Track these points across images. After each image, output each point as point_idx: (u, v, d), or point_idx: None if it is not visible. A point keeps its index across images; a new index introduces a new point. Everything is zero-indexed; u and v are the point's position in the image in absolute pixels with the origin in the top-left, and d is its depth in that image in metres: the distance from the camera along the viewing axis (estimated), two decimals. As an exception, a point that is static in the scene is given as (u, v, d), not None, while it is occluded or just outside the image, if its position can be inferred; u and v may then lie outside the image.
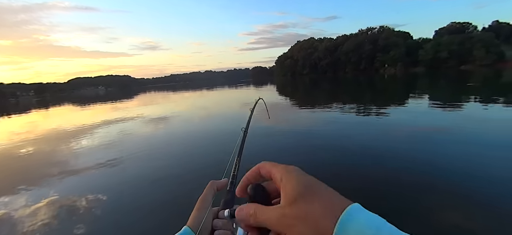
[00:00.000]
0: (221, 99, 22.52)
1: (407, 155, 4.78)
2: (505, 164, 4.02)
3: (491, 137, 5.53)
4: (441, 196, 3.26)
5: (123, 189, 4.34)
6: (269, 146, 5.87)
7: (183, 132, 8.81)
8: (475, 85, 18.89)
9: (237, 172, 0.64)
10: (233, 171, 0.64)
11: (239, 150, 0.70)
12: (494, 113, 8.17)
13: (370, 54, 76.49)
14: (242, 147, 0.72)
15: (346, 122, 8.35)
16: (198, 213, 0.55)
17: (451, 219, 2.76)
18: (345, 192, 3.27)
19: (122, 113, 15.96)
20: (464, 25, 75.60)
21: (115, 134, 9.02)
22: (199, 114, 12.70)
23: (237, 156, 0.68)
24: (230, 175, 0.63)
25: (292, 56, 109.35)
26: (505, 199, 3.03)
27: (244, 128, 0.82)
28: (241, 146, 0.72)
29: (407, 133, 6.46)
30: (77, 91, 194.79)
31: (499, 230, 2.55)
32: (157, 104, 21.93)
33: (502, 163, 4.05)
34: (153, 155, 6.11)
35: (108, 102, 28.84)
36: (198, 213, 0.55)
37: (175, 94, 35.37)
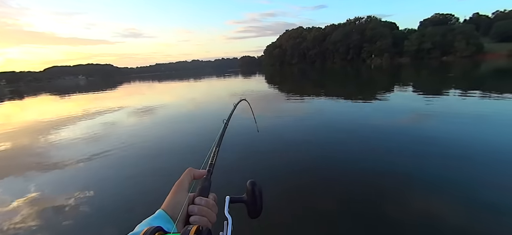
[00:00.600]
0: (208, 90, 22.08)
1: (391, 143, 4.81)
2: (485, 150, 4.11)
3: (465, 125, 5.69)
4: (420, 183, 3.28)
5: (105, 181, 4.20)
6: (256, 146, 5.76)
7: (168, 123, 8.53)
8: (454, 76, 19.56)
9: (214, 161, 0.65)
10: (211, 160, 0.65)
11: (219, 140, 0.71)
12: (470, 103, 8.44)
13: (358, 44, 77.37)
14: (222, 138, 0.73)
15: (333, 112, 8.37)
16: (173, 196, 0.55)
17: (435, 204, 2.77)
18: (335, 182, 3.18)
19: (104, 104, 15.30)
20: (447, 17, 77.79)
21: (96, 125, 8.60)
22: (184, 105, 12.35)
23: (216, 146, 0.68)
24: (208, 163, 0.64)
25: (281, 45, 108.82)
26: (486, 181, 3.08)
27: (226, 120, 0.83)
28: (221, 136, 0.73)
29: (390, 122, 6.53)
30: (55, 81, 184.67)
31: (479, 216, 2.57)
32: (141, 95, 21.24)
33: (481, 149, 4.14)
34: (137, 147, 5.91)
35: (89, 93, 27.62)
36: (173, 196, 0.55)
37: (161, 84, 34.43)
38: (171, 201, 0.54)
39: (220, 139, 0.72)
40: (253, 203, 0.62)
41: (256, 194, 0.62)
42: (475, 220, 2.59)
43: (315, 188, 3.54)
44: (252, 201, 0.62)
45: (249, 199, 0.62)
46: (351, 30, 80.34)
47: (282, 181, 3.74)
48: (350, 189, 3.39)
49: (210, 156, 0.66)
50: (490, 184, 3.26)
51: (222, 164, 4.25)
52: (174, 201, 0.54)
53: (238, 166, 4.33)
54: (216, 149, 0.68)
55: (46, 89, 49.28)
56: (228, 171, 4.02)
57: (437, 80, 17.95)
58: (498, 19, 71.75)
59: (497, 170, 3.60)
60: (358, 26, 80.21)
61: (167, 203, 0.54)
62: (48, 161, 5.43)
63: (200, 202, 0.56)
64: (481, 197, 2.95)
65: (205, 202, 0.56)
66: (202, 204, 0.56)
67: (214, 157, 0.65)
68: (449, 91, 11.42)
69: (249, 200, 0.62)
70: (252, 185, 0.63)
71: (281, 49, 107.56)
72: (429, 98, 9.95)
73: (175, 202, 0.54)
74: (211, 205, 0.57)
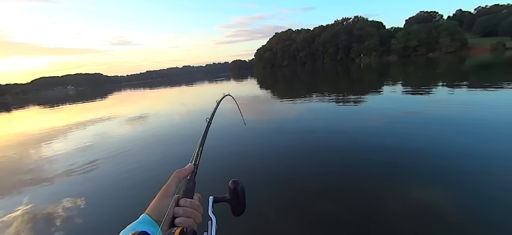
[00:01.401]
0: (199, 95, 22.05)
1: (383, 138, 4.97)
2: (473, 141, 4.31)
3: (458, 117, 5.92)
4: (413, 173, 3.42)
5: (92, 189, 4.19)
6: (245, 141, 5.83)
7: (156, 129, 8.50)
8: (442, 71, 20.15)
9: (198, 161, 0.65)
10: (195, 160, 0.64)
11: (202, 140, 0.70)
12: (458, 96, 8.76)
13: (346, 44, 78.63)
14: (205, 138, 0.72)
15: (323, 112, 8.52)
16: (158, 201, 0.55)
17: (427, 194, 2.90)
18: (321, 181, 3.27)
19: (94, 114, 15.09)
20: (431, 14, 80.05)
21: (85, 136, 8.51)
22: (173, 110, 12.33)
23: (199, 146, 0.68)
24: (192, 163, 0.64)
25: (271, 48, 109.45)
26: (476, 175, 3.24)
27: (208, 119, 0.82)
28: (204, 136, 0.72)
29: (381, 119, 6.72)
30: (43, 92, 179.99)
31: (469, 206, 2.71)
32: (133, 103, 21.02)
33: (469, 141, 4.34)
34: (124, 154, 5.88)
35: (79, 103, 27.14)
36: (159, 200, 0.55)
37: (153, 92, 34.13)
38: (156, 205, 0.54)
39: (203, 139, 0.71)
40: (236, 202, 0.63)
41: (239, 193, 0.63)
42: (469, 213, 2.64)
43: (299, 186, 3.60)
44: (235, 200, 0.63)
45: (232, 198, 0.63)
46: (339, 30, 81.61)
47: (266, 179, 3.82)
48: (337, 187, 3.45)
49: (193, 157, 0.65)
50: (483, 176, 3.38)
51: (209, 163, 4.33)
52: (159, 205, 0.53)
53: (224, 165, 4.40)
54: (199, 149, 0.67)
55: (34, 101, 48.12)
56: (214, 170, 4.08)
57: (425, 76, 18.46)
58: (481, 15, 74.28)
59: (489, 162, 3.72)
60: (346, 27, 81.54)
61: (152, 207, 0.53)
62: (36, 173, 5.38)
63: (185, 203, 0.56)
64: (475, 190, 3.02)
65: (190, 203, 0.56)
66: (187, 205, 0.56)
67: (197, 157, 0.65)
68: (437, 87, 11.79)
69: (232, 199, 0.63)
70: (235, 184, 0.63)
71: (272, 52, 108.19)
72: (418, 95, 10.26)
73: (160, 205, 0.53)
74: (196, 205, 0.57)
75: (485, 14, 72.41)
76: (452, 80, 14.01)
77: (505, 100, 7.43)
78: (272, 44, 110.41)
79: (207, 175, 3.71)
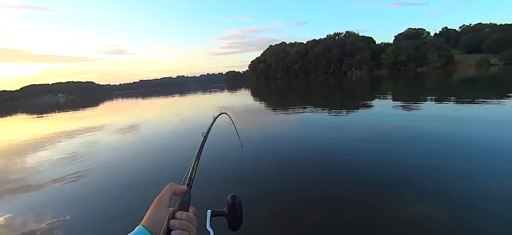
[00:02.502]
0: (192, 106, 21.99)
1: (375, 150, 5.06)
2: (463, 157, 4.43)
3: (448, 131, 6.09)
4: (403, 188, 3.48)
5: (84, 200, 4.04)
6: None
7: (149, 140, 8.40)
8: (431, 86, 20.78)
9: (194, 175, 0.66)
10: (190, 174, 0.65)
11: (198, 154, 0.71)
12: (449, 110, 9.03)
13: (338, 58, 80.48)
14: (201, 151, 0.73)
15: (319, 125, 8.63)
16: (153, 212, 0.54)
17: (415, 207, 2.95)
18: (318, 195, 3.31)
19: (84, 123, 14.81)
20: (419, 31, 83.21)
21: (76, 145, 8.32)
22: (167, 121, 12.24)
23: (195, 160, 0.69)
24: (187, 177, 0.65)
25: (265, 60, 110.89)
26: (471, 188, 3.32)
27: (205, 133, 0.83)
28: (200, 150, 0.73)
29: (373, 130, 6.84)
30: (32, 99, 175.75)
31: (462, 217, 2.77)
32: (124, 112, 20.76)
33: (461, 156, 4.46)
34: (117, 164, 5.74)
35: (69, 111, 26.62)
36: (154, 212, 0.54)
37: (145, 101, 33.84)
38: (151, 217, 0.53)
39: (199, 153, 0.71)
40: (233, 216, 0.64)
41: (237, 207, 0.64)
42: (461, 223, 2.69)
43: (296, 201, 3.59)
44: (233, 214, 0.64)
45: (229, 212, 0.64)
46: (331, 44, 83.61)
47: (265, 195, 3.80)
48: (335, 205, 3.38)
49: (189, 170, 0.66)
50: (472, 185, 3.48)
51: (206, 178, 4.29)
52: (154, 217, 0.53)
53: (220, 180, 4.37)
54: (195, 162, 0.68)
55: (22, 108, 46.84)
56: (211, 185, 4.04)
57: (415, 91, 18.98)
58: (465, 32, 77.63)
59: (479, 173, 3.84)
60: (338, 41, 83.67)
61: (147, 219, 0.53)
62: (23, 183, 5.18)
63: (181, 216, 0.56)
64: (465, 203, 3.09)
65: (186, 216, 0.57)
66: (183, 218, 0.56)
67: (193, 171, 0.66)
68: (428, 101, 12.13)
69: (230, 213, 0.64)
70: (233, 198, 0.64)
71: (266, 64, 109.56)
72: (408, 109, 10.50)
73: (155, 217, 0.53)
74: (192, 219, 0.58)
75: (470, 32, 75.74)
76: (442, 94, 14.46)
77: (494, 115, 7.71)
78: (266, 56, 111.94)
79: (205, 189, 3.67)
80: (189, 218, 0.57)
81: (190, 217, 0.57)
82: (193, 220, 0.58)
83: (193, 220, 0.58)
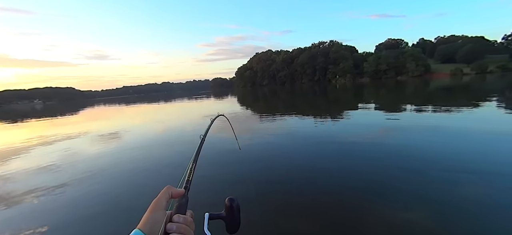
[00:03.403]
0: (179, 113, 21.64)
1: (362, 154, 5.20)
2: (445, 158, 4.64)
3: (432, 135, 6.38)
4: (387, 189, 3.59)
5: (75, 207, 3.82)
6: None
7: (141, 145, 8.15)
8: (411, 93, 21.75)
9: (191, 177, 0.65)
10: (188, 176, 0.65)
11: (195, 156, 0.71)
12: (426, 117, 9.47)
13: (323, 66, 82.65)
14: (198, 154, 0.72)
15: (307, 130, 8.75)
16: (150, 215, 0.54)
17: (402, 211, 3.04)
18: (312, 201, 3.32)
19: (63, 130, 14.14)
20: (398, 41, 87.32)
21: (56, 153, 7.91)
22: (154, 129, 11.95)
23: (193, 162, 0.68)
24: (185, 180, 0.64)
25: (252, 67, 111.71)
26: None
27: (203, 135, 0.82)
28: (197, 152, 0.73)
29: (369, 137, 7.03)
30: (6, 105, 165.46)
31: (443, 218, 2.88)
32: (106, 119, 20.05)
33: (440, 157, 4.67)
34: (109, 170, 5.51)
35: (46, 118, 25.33)
36: (150, 215, 0.54)
37: (129, 108, 32.88)
38: (148, 220, 0.53)
39: (196, 155, 0.71)
40: (231, 219, 0.64)
41: (235, 210, 0.64)
42: (441, 226, 2.77)
43: (292, 204, 3.60)
44: (231, 217, 0.64)
45: (227, 215, 0.64)
46: (316, 53, 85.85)
47: (261, 198, 3.78)
48: (331, 209, 3.40)
49: (187, 173, 0.66)
50: (451, 188, 3.62)
51: (203, 181, 4.24)
52: (151, 220, 0.53)
53: (218, 183, 4.33)
54: (192, 165, 0.68)
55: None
56: (208, 188, 4.00)
57: (397, 98, 19.75)
58: (440, 43, 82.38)
59: (458, 177, 3.99)
60: (322, 50, 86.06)
61: (144, 222, 0.53)
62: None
63: (178, 220, 0.56)
64: (444, 203, 3.22)
65: (183, 219, 0.56)
66: (181, 221, 0.56)
67: (191, 174, 0.66)
68: (410, 107, 12.64)
69: (228, 216, 0.64)
70: (231, 201, 0.64)
71: (252, 71, 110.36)
72: (393, 114, 10.90)
73: (152, 220, 0.53)
74: (189, 222, 0.57)
75: (444, 43, 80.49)
76: (423, 102, 15.15)
77: (472, 119, 8.21)
78: (252, 63, 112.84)
79: (202, 192, 3.59)
80: (186, 221, 0.57)
81: (187, 220, 0.57)
82: (190, 223, 0.58)
83: (191, 223, 0.58)
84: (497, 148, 5.11)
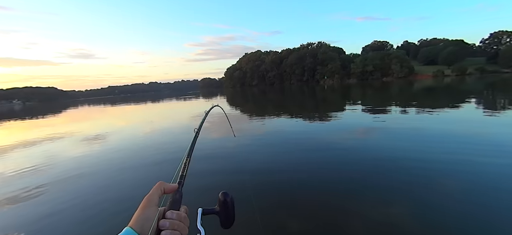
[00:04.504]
0: (167, 114, 21.30)
1: (350, 152, 5.32)
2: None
3: (415, 133, 6.61)
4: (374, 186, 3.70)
5: (71, 200, 3.63)
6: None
7: (132, 144, 7.98)
8: (397, 94, 22.43)
9: (186, 172, 0.63)
10: (182, 171, 0.63)
11: (189, 151, 0.69)
12: (411, 117, 9.81)
13: (311, 67, 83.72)
14: (193, 148, 0.71)
15: (301, 130, 8.84)
16: (141, 212, 0.52)
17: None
18: (307, 198, 3.33)
19: (45, 131, 13.60)
20: (383, 43, 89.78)
21: (36, 156, 7.59)
22: (141, 130, 11.71)
23: (187, 156, 0.67)
24: (179, 175, 0.62)
25: (241, 68, 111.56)
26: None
27: (197, 129, 0.81)
28: (192, 147, 0.71)
29: (352, 134, 7.19)
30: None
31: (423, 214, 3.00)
32: (91, 120, 19.44)
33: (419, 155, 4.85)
34: (98, 170, 5.34)
35: (25, 119, 24.26)
36: (142, 212, 0.52)
37: (114, 108, 32.03)
38: (139, 217, 0.51)
39: (190, 149, 0.69)
40: (225, 214, 0.62)
41: (229, 205, 0.62)
42: (425, 223, 2.85)
43: (286, 201, 3.64)
44: (225, 212, 0.62)
45: (221, 210, 0.62)
46: (305, 54, 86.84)
47: (259, 193, 3.80)
48: (325, 206, 3.43)
49: (181, 168, 0.64)
50: (436, 189, 3.72)
51: (198, 175, 4.22)
52: (143, 217, 0.51)
53: (213, 177, 4.35)
54: (187, 159, 0.66)
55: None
56: (203, 182, 4.01)
57: (384, 98, 20.28)
58: (423, 46, 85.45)
59: (440, 175, 4.13)
60: (311, 51, 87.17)
61: (135, 220, 0.51)
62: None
63: (171, 216, 0.54)
64: (428, 202, 3.30)
65: (176, 215, 0.55)
66: (174, 217, 0.54)
67: (185, 168, 0.64)
68: (395, 107, 13.02)
69: (222, 211, 0.62)
70: (224, 196, 0.63)
71: (242, 71, 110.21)
72: (378, 115, 11.18)
73: (144, 217, 0.51)
74: (183, 218, 0.56)
75: (426, 46, 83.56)
76: (408, 101, 15.65)
77: (453, 117, 8.58)
78: (242, 63, 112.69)
79: (195, 186, 3.56)
80: (180, 217, 0.55)
81: (181, 216, 0.55)
82: (184, 219, 0.56)
83: (185, 219, 0.56)
84: (474, 146, 5.36)
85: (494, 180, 3.74)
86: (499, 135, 6.19)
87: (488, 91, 19.42)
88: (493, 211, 2.95)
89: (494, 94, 17.12)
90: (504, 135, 6.18)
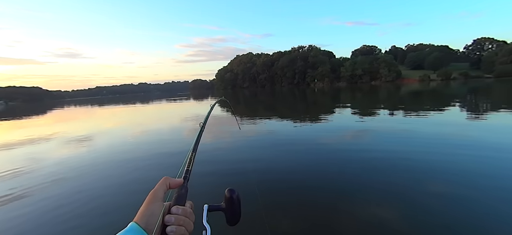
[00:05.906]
0: (154, 116, 20.99)
1: (340, 154, 5.40)
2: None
3: (404, 136, 6.78)
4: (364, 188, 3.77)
5: (72, 196, 3.53)
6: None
7: (134, 140, 7.81)
8: (385, 98, 22.96)
9: (191, 167, 0.63)
10: (187, 166, 0.63)
11: (195, 146, 0.68)
12: (398, 119, 10.07)
13: (302, 70, 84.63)
14: (198, 142, 0.70)
15: (289, 130, 8.91)
16: (146, 207, 0.52)
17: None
18: (311, 197, 3.35)
19: (29, 132, 13.11)
20: (372, 48, 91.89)
21: (25, 159, 7.31)
22: (131, 132, 11.49)
23: (192, 151, 0.66)
24: (184, 169, 0.62)
25: (232, 70, 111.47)
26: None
27: (202, 123, 0.80)
28: (197, 141, 0.70)
29: (338, 136, 7.31)
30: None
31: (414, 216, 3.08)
32: (77, 121, 18.90)
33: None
34: (99, 164, 5.20)
35: (8, 119, 23.33)
36: (147, 207, 0.52)
37: (101, 109, 31.27)
38: (144, 212, 0.51)
39: (196, 144, 0.69)
40: (231, 211, 0.62)
41: (235, 202, 0.62)
42: (414, 223, 2.92)
43: (296, 198, 3.67)
44: (231, 209, 0.62)
45: (227, 207, 0.62)
46: (295, 57, 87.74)
47: (265, 190, 3.85)
48: (325, 206, 3.45)
49: (186, 162, 0.64)
50: (425, 189, 3.84)
51: (204, 170, 4.21)
52: (148, 212, 0.51)
53: (219, 173, 4.37)
54: (192, 154, 0.65)
55: None
56: (208, 178, 4.06)
57: (373, 101, 20.70)
58: (410, 51, 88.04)
59: (430, 176, 4.26)
60: (302, 54, 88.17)
61: (140, 215, 0.51)
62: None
63: (177, 211, 0.54)
64: (416, 202, 3.39)
65: (182, 210, 0.54)
66: (179, 213, 0.54)
67: (190, 163, 0.63)
68: (383, 110, 13.32)
69: (228, 208, 0.62)
70: (231, 193, 0.62)
71: (233, 73, 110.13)
72: (366, 117, 11.41)
73: (149, 213, 0.51)
74: (189, 213, 0.56)
75: (413, 51, 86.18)
76: (396, 104, 16.04)
77: (439, 120, 8.90)
78: (233, 65, 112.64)
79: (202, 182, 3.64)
80: (185, 212, 0.55)
81: (187, 212, 0.55)
82: (190, 215, 0.56)
83: (190, 214, 0.56)
84: (459, 148, 5.56)
85: (479, 179, 3.91)
86: (483, 137, 6.47)
87: (472, 96, 20.21)
88: (478, 209, 3.08)
89: (476, 99, 17.83)
90: (487, 137, 6.46)
